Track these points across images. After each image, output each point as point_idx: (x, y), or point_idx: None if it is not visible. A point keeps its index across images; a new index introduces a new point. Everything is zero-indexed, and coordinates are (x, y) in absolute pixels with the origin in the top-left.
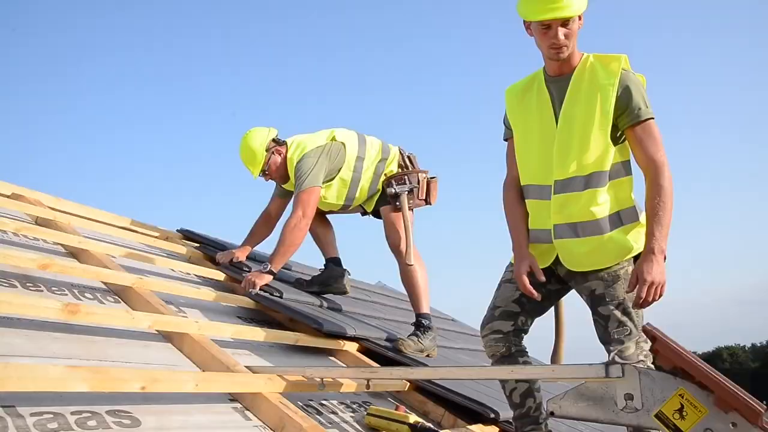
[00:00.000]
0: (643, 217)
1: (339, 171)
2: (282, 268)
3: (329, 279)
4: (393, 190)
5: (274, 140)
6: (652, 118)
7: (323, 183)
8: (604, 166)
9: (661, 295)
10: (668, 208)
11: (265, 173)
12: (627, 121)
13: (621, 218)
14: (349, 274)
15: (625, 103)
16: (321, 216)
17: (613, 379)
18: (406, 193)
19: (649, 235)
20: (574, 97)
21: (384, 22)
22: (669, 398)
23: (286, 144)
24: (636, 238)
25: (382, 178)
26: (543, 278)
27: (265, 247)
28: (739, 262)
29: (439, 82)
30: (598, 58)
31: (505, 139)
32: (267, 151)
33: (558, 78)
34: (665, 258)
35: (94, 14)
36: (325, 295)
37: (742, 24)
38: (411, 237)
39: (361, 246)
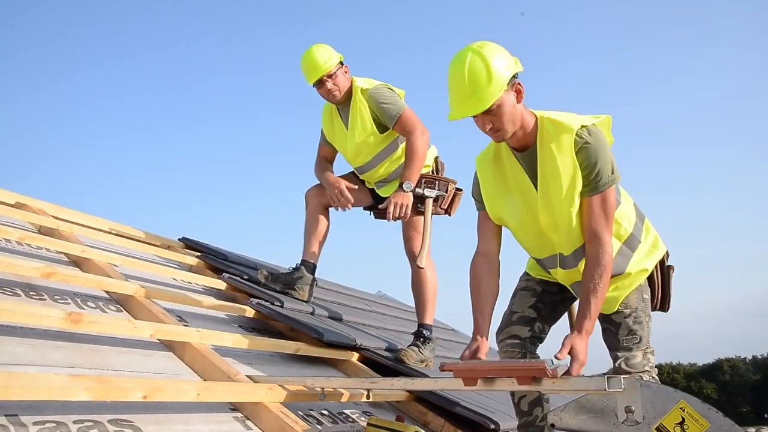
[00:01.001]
0: (644, 235)
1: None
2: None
3: (294, 281)
4: (421, 192)
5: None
6: (611, 186)
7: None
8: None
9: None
10: (604, 289)
11: (326, 79)
12: (585, 191)
13: (630, 248)
14: (317, 284)
15: (586, 174)
16: (324, 210)
17: (613, 391)
18: (433, 198)
19: (581, 316)
20: (544, 174)
21: (388, 26)
22: (670, 411)
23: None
24: (647, 257)
25: None
26: (483, 357)
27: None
28: (737, 272)
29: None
30: (552, 124)
31: (478, 209)
32: (341, 63)
33: (524, 152)
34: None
35: (94, 18)
36: (324, 305)
37: (738, 31)
38: (427, 242)
39: (362, 255)
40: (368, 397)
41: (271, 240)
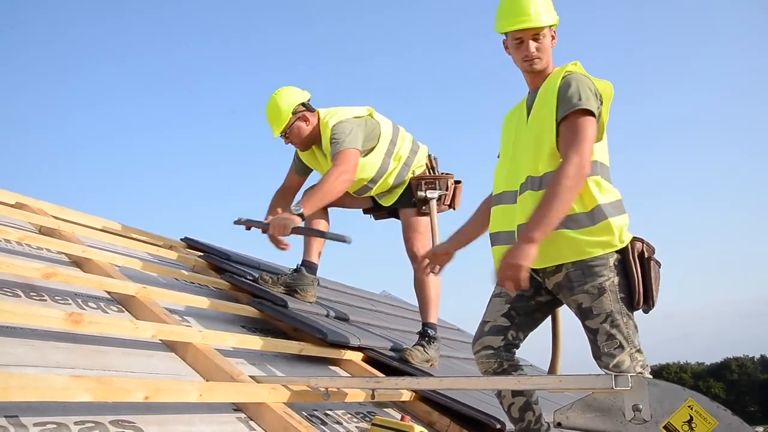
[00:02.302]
0: (614, 219)
1: (372, 149)
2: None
3: (296, 283)
4: (423, 194)
5: (304, 104)
6: (579, 111)
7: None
8: (553, 167)
9: (515, 277)
10: (554, 204)
11: (285, 135)
12: (558, 116)
13: (592, 218)
14: (319, 284)
15: (560, 99)
16: (322, 210)
17: (620, 390)
18: (436, 198)
19: (528, 222)
20: (537, 105)
21: (389, 26)
22: (678, 409)
23: (317, 113)
24: (601, 240)
25: (410, 174)
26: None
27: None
28: (744, 272)
29: (445, 90)
30: (561, 67)
31: None
32: (293, 114)
33: (534, 91)
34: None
35: (95, 18)
36: (328, 305)
37: (737, 31)
38: (438, 235)
39: (367, 255)
40: (373, 397)
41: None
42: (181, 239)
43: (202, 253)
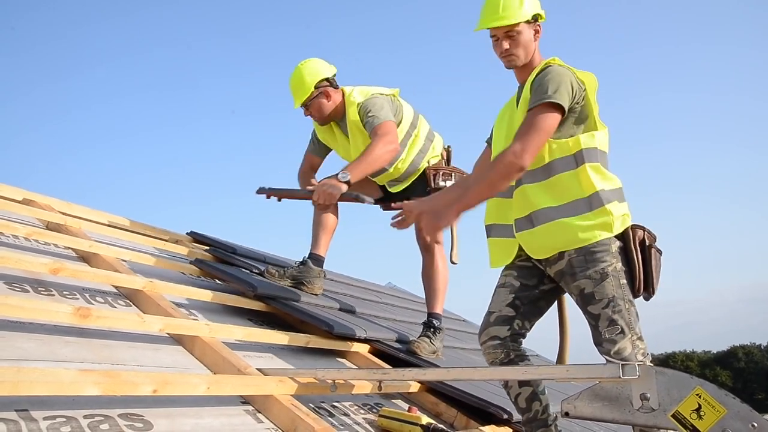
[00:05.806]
0: (611, 205)
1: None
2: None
3: (302, 276)
4: (444, 185)
5: (327, 80)
6: (545, 104)
7: None
8: (542, 161)
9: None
10: (491, 180)
11: (305, 107)
12: (529, 108)
13: (590, 204)
14: (325, 276)
15: (533, 91)
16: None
17: (628, 378)
18: None
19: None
20: (522, 99)
21: (388, 25)
22: (686, 398)
23: (342, 91)
24: (596, 224)
25: (424, 163)
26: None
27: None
28: (749, 259)
29: (437, 87)
30: (546, 62)
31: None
32: (316, 88)
33: (522, 85)
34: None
35: (97, 17)
36: (335, 297)
37: (736, 29)
38: (456, 234)
39: (372, 247)
40: (380, 388)
41: (276, 234)
42: (187, 233)
43: (208, 247)
